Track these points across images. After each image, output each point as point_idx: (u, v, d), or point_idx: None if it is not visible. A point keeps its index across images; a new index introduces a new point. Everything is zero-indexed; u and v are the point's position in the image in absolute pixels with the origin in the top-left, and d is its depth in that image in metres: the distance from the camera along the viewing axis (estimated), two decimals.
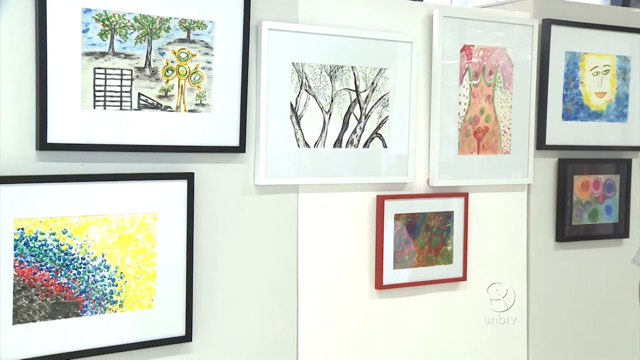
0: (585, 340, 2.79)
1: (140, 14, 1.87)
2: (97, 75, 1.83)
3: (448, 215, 2.45)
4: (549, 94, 2.63)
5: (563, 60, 2.65)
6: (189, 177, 1.99)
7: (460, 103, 2.45)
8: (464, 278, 2.49)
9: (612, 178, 2.81)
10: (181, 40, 1.95)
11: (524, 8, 2.63)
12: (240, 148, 2.07)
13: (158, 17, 1.90)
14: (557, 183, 2.71)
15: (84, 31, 1.80)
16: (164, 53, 1.92)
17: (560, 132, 2.67)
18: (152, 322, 1.94)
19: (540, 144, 2.63)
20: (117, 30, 1.84)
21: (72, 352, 1.84)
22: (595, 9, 2.93)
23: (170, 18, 1.92)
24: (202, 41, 1.98)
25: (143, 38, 1.88)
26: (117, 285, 1.88)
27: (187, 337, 2.00)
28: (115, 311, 1.89)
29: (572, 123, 2.70)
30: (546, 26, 2.60)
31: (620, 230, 2.83)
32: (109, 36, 1.84)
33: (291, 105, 2.16)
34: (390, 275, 2.34)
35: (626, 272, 1.94)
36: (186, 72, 1.96)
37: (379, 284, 2.33)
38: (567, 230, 2.72)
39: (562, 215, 2.70)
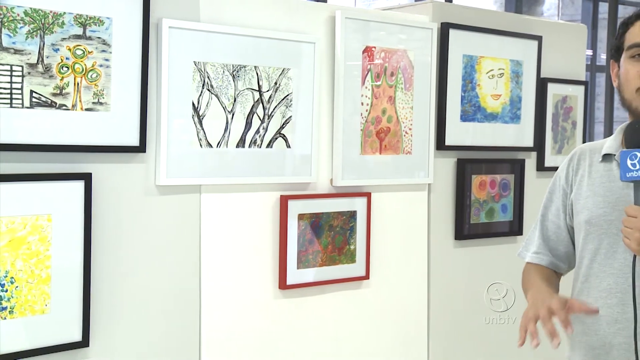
0: (482, 334, 2.89)
1: (31, 8, 1.80)
2: None
3: (351, 215, 2.48)
4: (447, 95, 2.70)
5: (461, 63, 2.74)
6: (86, 178, 1.93)
7: (362, 104, 2.49)
8: (366, 277, 2.53)
9: (507, 178, 2.93)
10: (77, 37, 1.88)
11: (424, 12, 2.69)
12: (141, 148, 2.03)
13: (51, 11, 1.84)
14: (456, 182, 2.79)
15: None
16: (58, 49, 1.86)
17: (458, 132, 2.76)
18: (46, 327, 1.87)
19: (440, 144, 2.71)
20: (5, 24, 1.76)
21: None
22: (490, 14, 3.04)
23: (65, 13, 1.86)
24: (99, 38, 1.93)
25: (35, 33, 1.81)
26: (7, 291, 1.80)
27: (84, 343, 1.94)
28: (5, 318, 1.80)
29: (470, 124, 2.79)
30: (444, 30, 2.68)
31: (514, 228, 2.95)
32: None
33: (193, 104, 2.13)
34: (294, 275, 2.35)
35: (520, 267, 2.02)
36: (82, 70, 1.90)
37: (283, 284, 2.33)
38: (465, 229, 2.81)
39: (461, 214, 2.79)
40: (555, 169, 1.88)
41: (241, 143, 2.23)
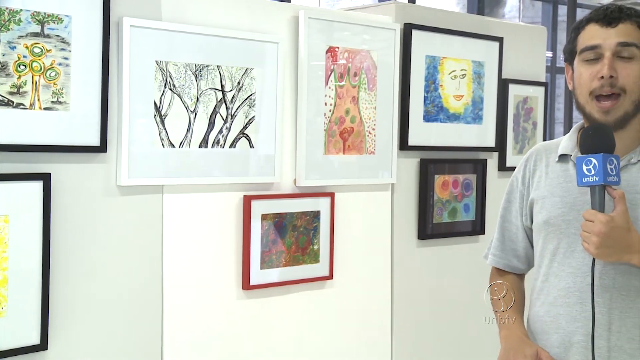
0: (445, 333, 2.91)
1: None
2: None
3: (315, 215, 2.48)
4: (410, 96, 2.72)
5: (423, 64, 2.76)
6: (45, 178, 1.90)
7: (326, 104, 2.49)
8: (330, 277, 2.53)
9: (470, 177, 2.95)
10: (34, 35, 1.85)
11: (387, 12, 2.70)
12: (101, 147, 2.00)
13: (7, 8, 1.80)
14: (419, 182, 2.81)
15: None
16: (14, 47, 1.82)
17: (421, 133, 2.77)
18: (3, 331, 1.83)
19: (403, 144, 2.72)
20: None
21: None
22: (453, 15, 3.07)
23: (21, 10, 1.82)
24: (57, 36, 1.89)
25: None
26: None
27: (43, 346, 1.90)
28: None
29: (433, 124, 2.81)
30: (407, 30, 2.69)
31: (477, 228, 2.98)
32: None
33: (155, 104, 2.11)
34: (257, 275, 2.34)
35: (482, 266, 2.04)
36: (41, 68, 1.87)
37: (246, 284, 2.32)
38: (429, 228, 2.82)
39: (424, 213, 2.80)
40: None
41: (204, 143, 2.21)
